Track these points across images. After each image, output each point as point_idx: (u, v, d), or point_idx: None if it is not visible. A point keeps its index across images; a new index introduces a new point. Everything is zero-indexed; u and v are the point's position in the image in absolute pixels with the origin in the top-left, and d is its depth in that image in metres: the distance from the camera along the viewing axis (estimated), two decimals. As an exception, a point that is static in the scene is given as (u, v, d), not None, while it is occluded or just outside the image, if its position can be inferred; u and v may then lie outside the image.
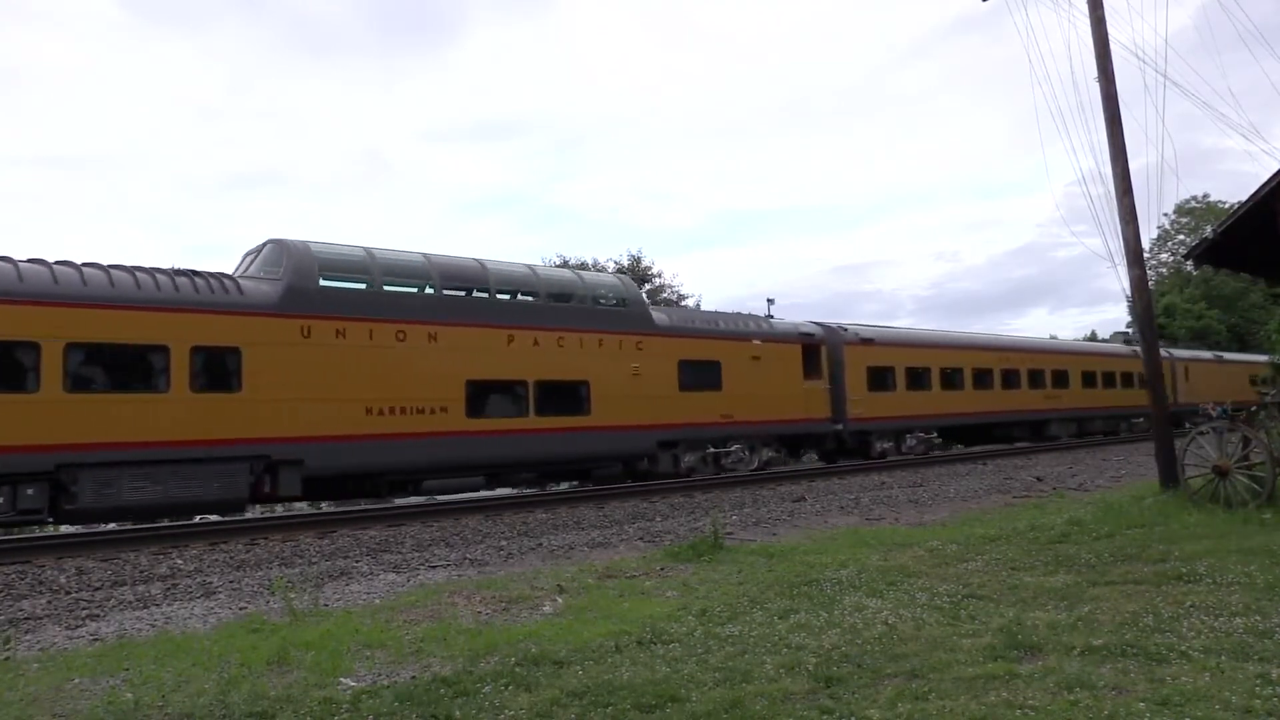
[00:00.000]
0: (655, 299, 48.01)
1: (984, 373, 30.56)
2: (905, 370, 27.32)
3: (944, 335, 31.52)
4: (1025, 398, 32.39)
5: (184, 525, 13.88)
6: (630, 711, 4.57)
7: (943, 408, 28.53)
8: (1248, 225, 13.69)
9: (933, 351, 28.82)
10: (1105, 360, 38.43)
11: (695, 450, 21.06)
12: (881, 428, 26.15)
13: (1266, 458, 11.03)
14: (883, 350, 26.79)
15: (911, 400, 27.33)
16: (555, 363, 18.51)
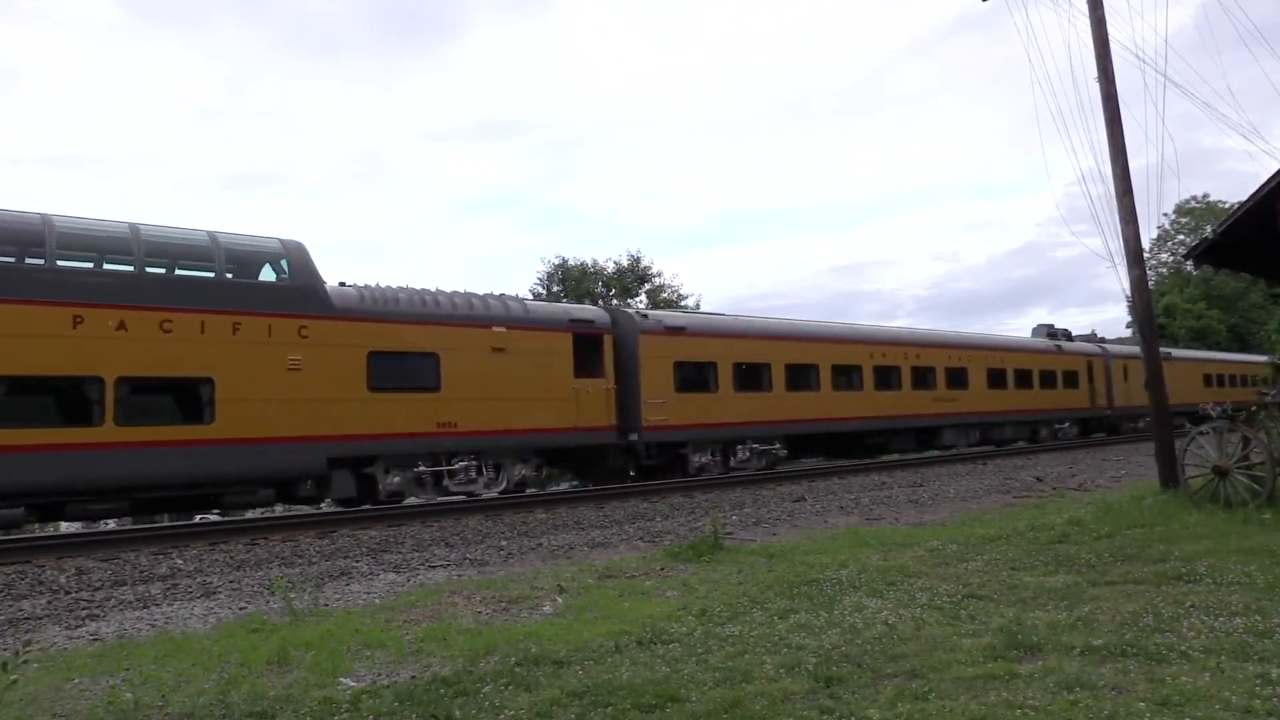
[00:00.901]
0: (655, 299, 47.99)
1: (848, 370, 25.64)
2: (734, 367, 22.37)
3: (790, 325, 26.21)
4: (907, 400, 27.26)
5: (184, 525, 13.90)
6: (630, 711, 4.57)
7: (789, 413, 23.43)
8: (1248, 225, 13.70)
9: (774, 344, 23.78)
10: (1018, 356, 32.62)
11: (401, 468, 16.64)
12: (698, 437, 21.28)
13: (1266, 458, 11.03)
14: (699, 342, 21.84)
15: (743, 404, 22.31)
16: (154, 354, 13.93)
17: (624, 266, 49.00)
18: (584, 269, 47.68)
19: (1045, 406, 33.33)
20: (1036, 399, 32.90)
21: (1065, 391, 34.47)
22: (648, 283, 49.58)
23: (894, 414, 26.86)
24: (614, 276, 48.46)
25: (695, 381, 21.63)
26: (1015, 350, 33.03)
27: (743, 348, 22.90)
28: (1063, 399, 34.38)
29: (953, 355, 29.40)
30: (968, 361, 29.87)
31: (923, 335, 30.19)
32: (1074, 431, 35.59)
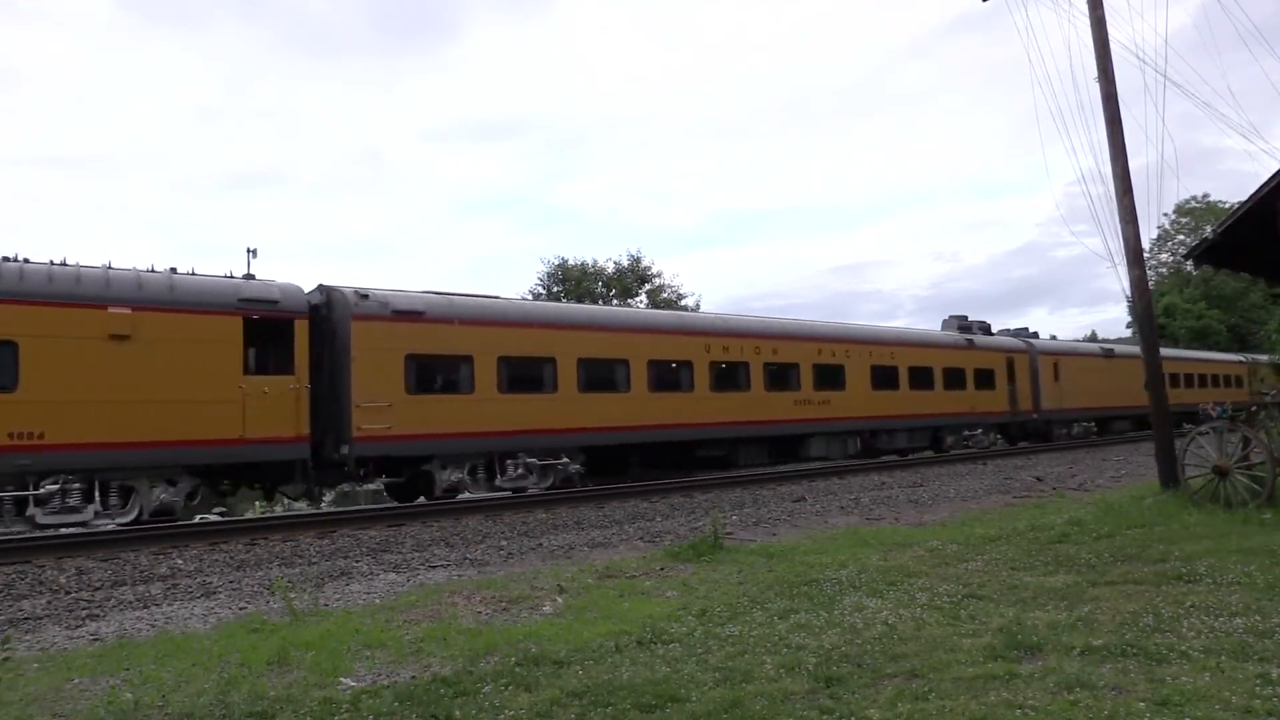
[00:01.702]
0: (655, 299, 48.01)
1: (673, 367, 21.19)
2: (499, 362, 18.09)
3: (586, 311, 22.11)
4: (758, 404, 22.65)
5: (184, 525, 13.87)
6: (630, 711, 4.57)
7: (585, 419, 19.25)
8: (1248, 225, 13.69)
9: (560, 334, 19.31)
10: (914, 352, 27.63)
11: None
12: (447, 450, 17.25)
13: (1266, 458, 11.03)
14: (445, 330, 17.50)
15: (514, 408, 18.14)
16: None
17: (624, 266, 49.02)
18: (584, 269, 47.68)
19: (951, 410, 28.51)
20: (938, 401, 28.01)
21: (978, 393, 29.78)
22: (648, 283, 49.60)
23: (738, 419, 22.12)
24: (614, 276, 48.47)
25: (441, 380, 17.51)
26: (910, 344, 27.93)
27: (512, 338, 18.44)
28: (974, 401, 29.51)
29: (823, 350, 24.82)
30: (845, 357, 25.36)
31: (781, 326, 24.88)
32: (990, 440, 30.30)
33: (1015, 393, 31.58)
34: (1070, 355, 35.51)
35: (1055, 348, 35.29)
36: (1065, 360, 34.42)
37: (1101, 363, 37.12)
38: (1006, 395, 31.22)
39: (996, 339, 32.60)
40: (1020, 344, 33.27)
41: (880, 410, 26.20)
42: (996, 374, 30.91)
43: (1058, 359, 33.97)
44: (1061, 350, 35.41)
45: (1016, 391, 31.64)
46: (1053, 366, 33.49)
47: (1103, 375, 36.53)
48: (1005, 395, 31.16)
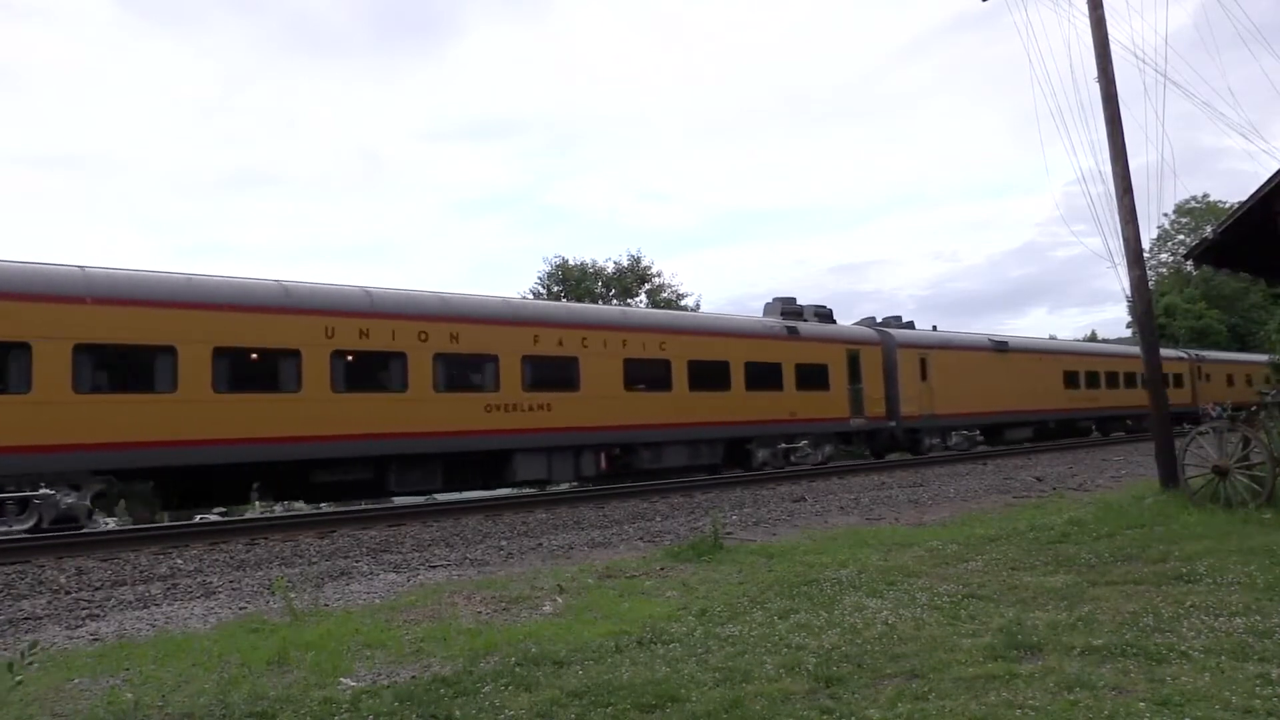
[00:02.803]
0: (655, 299, 48.03)
1: (271, 357, 15.18)
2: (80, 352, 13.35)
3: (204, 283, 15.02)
4: (424, 409, 16.64)
5: (184, 525, 13.89)
6: (630, 711, 4.57)
7: (107, 432, 13.44)
8: (1247, 225, 13.68)
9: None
10: (696, 342, 21.61)
11: None
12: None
13: (1266, 458, 11.03)
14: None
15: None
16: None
17: (624, 266, 49.03)
18: (584, 269, 47.68)
19: (759, 417, 22.39)
20: (739, 405, 21.96)
21: (804, 395, 23.70)
22: (648, 283, 49.61)
23: (389, 431, 16.10)
24: (614, 276, 48.48)
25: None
26: (690, 331, 21.77)
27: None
28: (798, 405, 23.47)
29: (543, 337, 18.52)
30: (580, 348, 19.11)
31: (464, 304, 17.93)
32: (823, 455, 24.17)
33: (860, 395, 25.31)
34: (944, 348, 29.02)
35: (922, 339, 28.69)
36: (937, 355, 28.30)
37: (991, 359, 30.68)
38: (848, 397, 24.98)
39: (834, 327, 26.41)
40: (869, 334, 27.00)
41: (638, 417, 19.83)
42: (832, 371, 24.56)
43: (926, 353, 27.93)
44: (931, 342, 28.79)
45: (862, 394, 25.37)
46: (918, 362, 27.50)
47: (994, 373, 30.33)
48: (845, 397, 24.89)
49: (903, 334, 28.24)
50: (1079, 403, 35.22)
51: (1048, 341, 37.70)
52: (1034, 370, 32.72)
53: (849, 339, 26.13)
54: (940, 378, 28.20)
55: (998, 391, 30.56)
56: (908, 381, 27.14)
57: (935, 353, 28.61)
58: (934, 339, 29.56)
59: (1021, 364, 32.02)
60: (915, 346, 28.03)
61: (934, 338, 29.67)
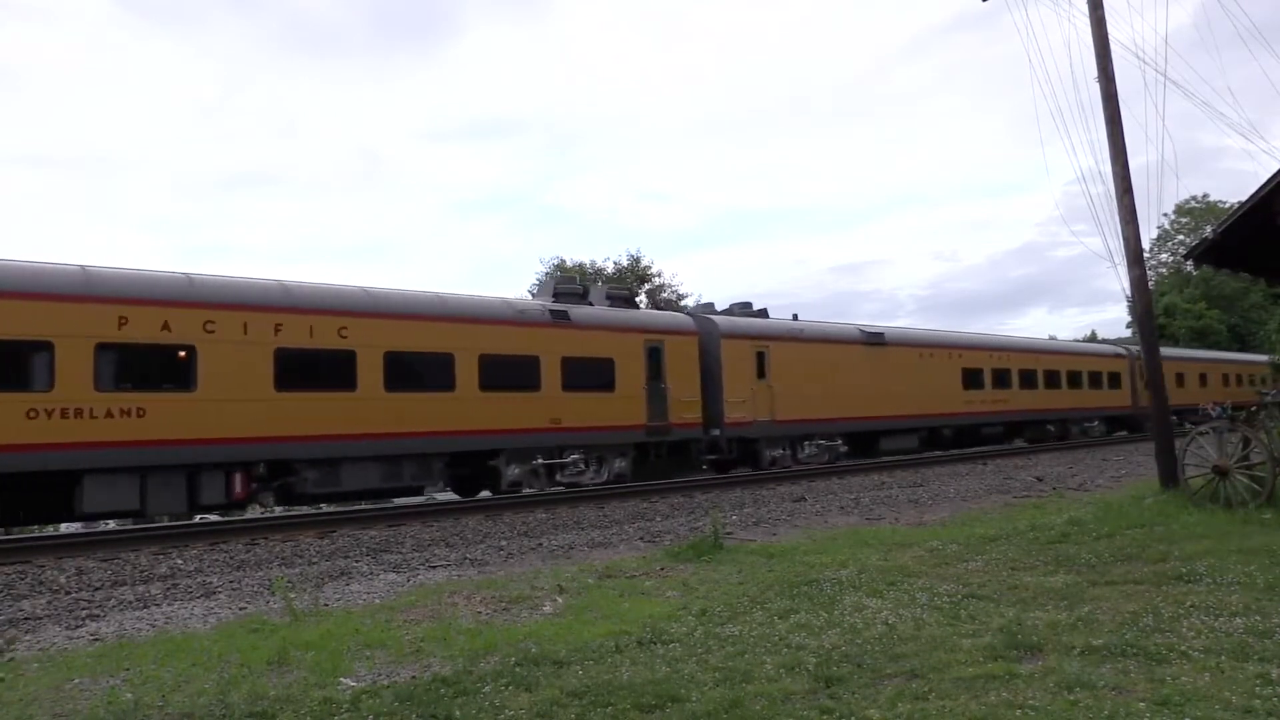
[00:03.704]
0: (655, 299, 48.04)
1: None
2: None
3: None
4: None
5: (184, 525, 13.89)
6: (630, 711, 4.57)
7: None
8: (1247, 225, 13.68)
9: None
10: (397, 328, 16.66)
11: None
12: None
13: (1266, 458, 11.04)
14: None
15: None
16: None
17: (624, 266, 49.04)
18: (583, 269, 47.69)
19: (504, 425, 17.76)
20: (471, 411, 17.26)
21: (574, 397, 18.95)
22: (648, 283, 49.61)
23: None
24: (614, 277, 48.50)
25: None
26: (388, 316, 16.61)
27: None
28: (563, 409, 18.71)
29: (131, 319, 13.93)
30: (199, 335, 14.57)
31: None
32: (610, 472, 19.52)
33: (665, 396, 20.61)
34: (790, 340, 23.90)
35: (759, 328, 23.53)
36: (781, 348, 23.30)
37: (860, 354, 25.61)
38: (644, 400, 20.21)
39: (626, 313, 21.11)
40: (679, 321, 22.30)
41: (299, 426, 15.27)
42: (621, 367, 19.89)
43: (764, 345, 22.94)
44: (771, 332, 23.59)
45: (668, 394, 20.69)
46: (753, 357, 22.68)
47: (864, 371, 25.57)
48: (641, 400, 20.15)
49: (730, 322, 23.07)
50: (984, 405, 29.77)
51: (941, 334, 30.72)
52: (921, 367, 27.54)
53: (648, 327, 20.99)
54: (785, 376, 23.24)
55: (870, 393, 25.57)
56: (737, 380, 22.18)
57: (778, 345, 23.43)
58: (776, 328, 24.09)
59: (903, 360, 26.99)
60: (748, 337, 22.86)
61: (776, 327, 24.27)
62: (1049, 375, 33.07)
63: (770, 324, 24.34)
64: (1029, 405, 31.95)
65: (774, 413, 22.85)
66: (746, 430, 22.35)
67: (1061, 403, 33.66)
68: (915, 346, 27.92)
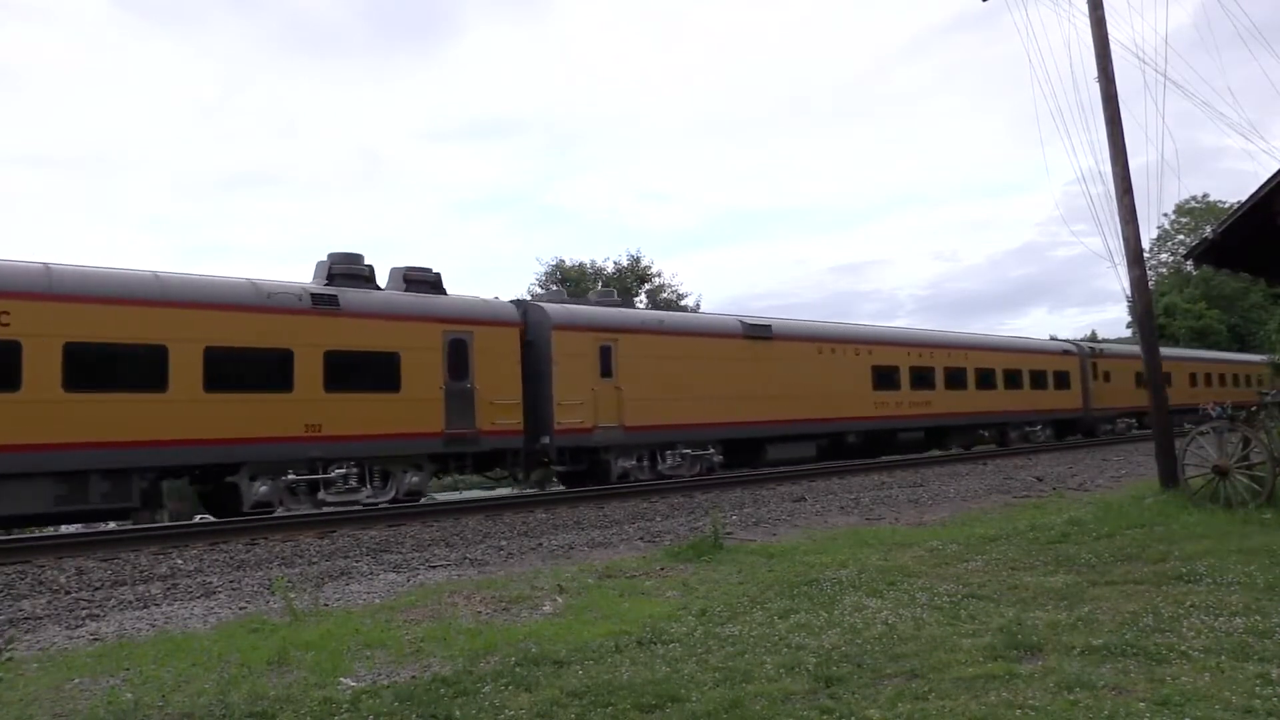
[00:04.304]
0: (655, 299, 48.06)
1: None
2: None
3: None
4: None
5: (184, 525, 13.87)
6: (630, 711, 4.57)
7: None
8: (1247, 225, 13.68)
9: None
10: (80, 316, 13.60)
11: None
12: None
13: (1266, 458, 11.04)
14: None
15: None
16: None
17: (624, 266, 49.05)
18: (582, 269, 47.68)
19: (243, 434, 14.85)
20: (190, 416, 14.38)
21: (342, 398, 15.88)
22: (648, 283, 49.63)
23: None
24: (614, 277, 48.51)
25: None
26: (70, 299, 13.61)
27: None
28: (325, 414, 15.71)
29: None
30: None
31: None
32: (401, 489, 16.62)
33: (471, 398, 17.38)
34: (646, 332, 20.57)
35: (605, 318, 20.08)
36: (633, 342, 20.00)
37: (739, 348, 22.29)
38: (442, 402, 17.01)
39: (422, 299, 17.61)
40: (496, 309, 18.72)
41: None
42: (410, 363, 16.80)
43: (610, 337, 19.61)
44: (619, 323, 20.15)
45: (475, 396, 17.40)
46: (596, 351, 19.39)
47: (745, 368, 22.25)
48: (439, 402, 16.95)
49: (564, 310, 19.76)
50: (901, 408, 26.55)
51: (845, 326, 27.05)
52: (820, 364, 24.17)
53: (451, 315, 17.62)
54: (638, 374, 19.88)
55: (753, 393, 22.19)
56: (572, 379, 18.83)
57: (630, 338, 19.94)
58: (628, 319, 20.52)
59: (797, 356, 23.59)
60: (590, 329, 19.45)
61: (628, 317, 20.71)
62: (982, 374, 29.84)
63: (620, 313, 21.03)
64: (957, 408, 28.58)
65: (623, 417, 19.56)
66: (585, 438, 18.98)
67: (998, 405, 30.38)
68: (813, 341, 24.52)
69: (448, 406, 17.15)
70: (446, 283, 18.70)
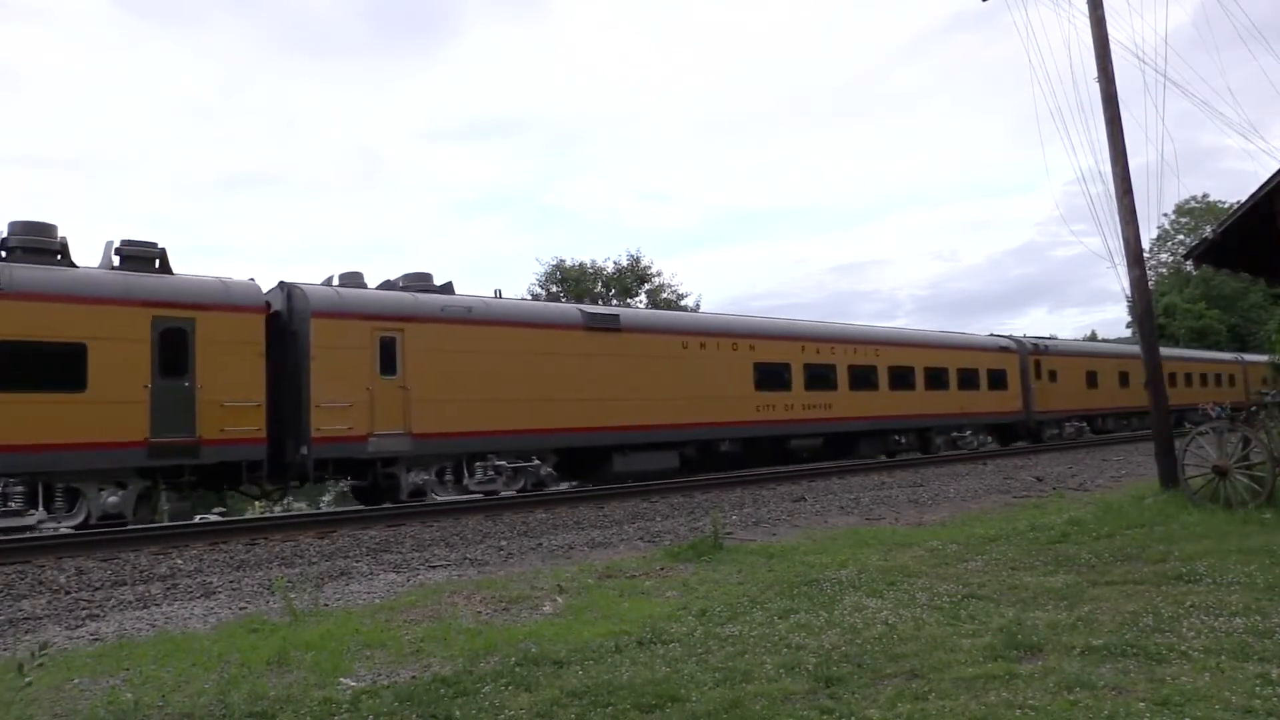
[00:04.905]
0: (655, 299, 48.03)
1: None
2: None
3: None
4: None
5: (184, 525, 13.88)
6: (630, 711, 4.57)
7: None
8: (1247, 225, 13.68)
9: None
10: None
11: None
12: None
13: (1266, 458, 11.04)
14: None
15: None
16: None
17: (624, 266, 49.02)
18: (582, 269, 47.66)
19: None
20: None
21: (15, 402, 13.22)
22: (647, 283, 49.60)
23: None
24: (614, 276, 48.48)
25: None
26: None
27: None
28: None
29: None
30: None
31: None
32: (99, 510, 13.78)
33: (190, 400, 14.65)
34: (448, 322, 17.44)
35: (388, 304, 16.94)
36: (423, 332, 16.94)
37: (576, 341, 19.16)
38: (147, 405, 14.26)
39: (121, 278, 14.70)
40: (235, 292, 15.60)
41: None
42: (98, 357, 13.95)
43: (399, 327, 16.69)
44: (413, 311, 17.10)
45: (196, 397, 14.71)
46: (375, 344, 16.39)
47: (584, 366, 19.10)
48: (143, 405, 14.20)
49: (328, 295, 16.42)
50: (791, 412, 23.32)
51: (719, 317, 23.92)
52: (685, 362, 20.91)
53: (165, 298, 14.71)
54: (433, 371, 16.88)
55: (595, 394, 19.08)
56: (339, 376, 15.88)
57: (420, 328, 16.93)
58: (419, 306, 17.21)
59: (654, 351, 20.37)
60: (365, 316, 16.40)
61: (419, 303, 17.27)
62: (896, 373, 26.55)
63: (409, 299, 17.33)
64: (866, 411, 25.40)
65: (410, 423, 16.42)
66: (357, 448, 15.93)
67: (917, 408, 27.16)
68: (675, 333, 21.16)
69: (156, 409, 14.26)
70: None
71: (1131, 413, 37.66)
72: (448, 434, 16.98)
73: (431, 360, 16.97)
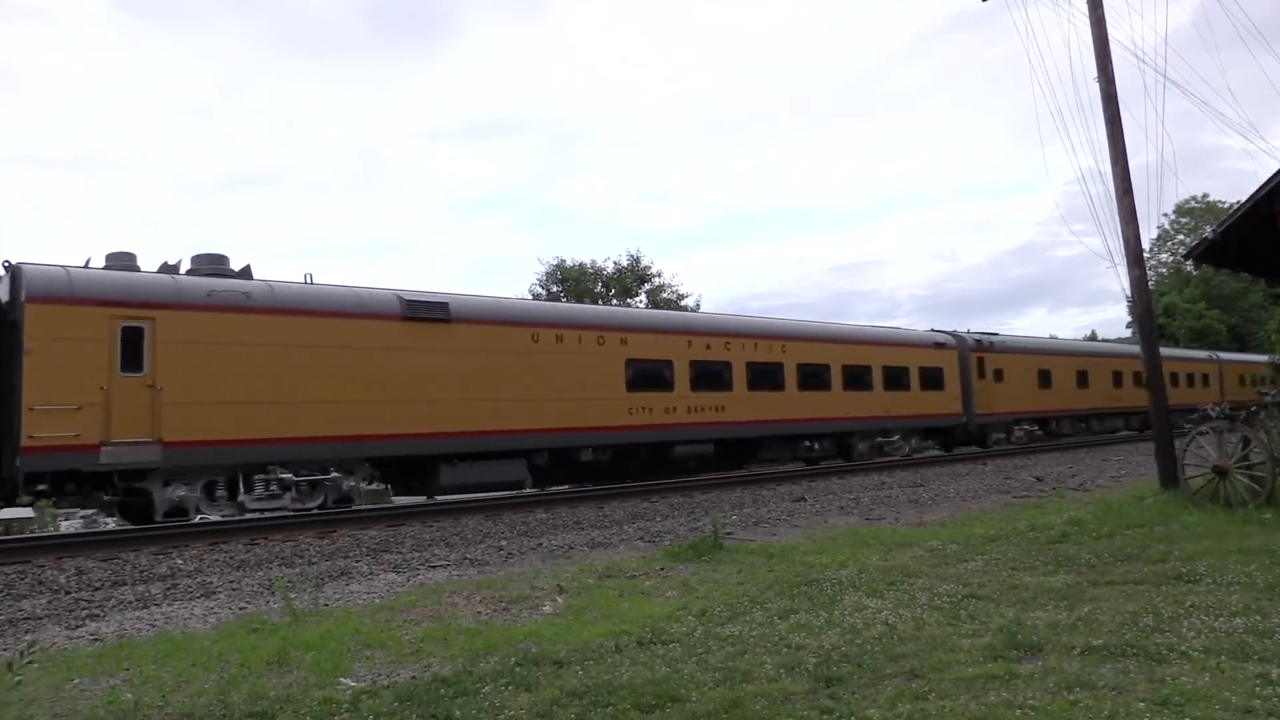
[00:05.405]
0: (655, 299, 48.02)
1: None
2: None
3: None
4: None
5: (184, 525, 13.86)
6: (630, 711, 4.57)
7: None
8: (1247, 225, 13.68)
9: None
10: None
11: None
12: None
13: (1266, 458, 11.04)
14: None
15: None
16: None
17: (624, 266, 49.01)
18: (582, 269, 47.65)
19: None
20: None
21: None
22: (648, 283, 49.58)
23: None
24: (614, 276, 48.47)
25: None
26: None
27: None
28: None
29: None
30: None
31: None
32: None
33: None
34: (216, 309, 14.68)
35: (135, 286, 14.20)
36: (186, 320, 14.29)
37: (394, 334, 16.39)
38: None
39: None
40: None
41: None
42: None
43: (149, 315, 14.01)
44: (171, 296, 14.41)
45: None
46: (115, 335, 13.73)
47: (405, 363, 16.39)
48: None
49: (53, 275, 13.59)
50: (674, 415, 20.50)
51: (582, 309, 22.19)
52: (536, 358, 18.19)
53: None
54: (194, 367, 14.23)
55: (418, 395, 16.40)
56: (64, 374, 13.17)
57: (177, 317, 14.22)
58: (179, 290, 14.51)
59: (495, 345, 17.61)
60: (102, 302, 13.69)
61: (178, 287, 14.58)
62: (808, 372, 23.66)
63: (164, 282, 14.55)
64: (767, 414, 22.45)
65: (161, 429, 13.81)
66: (87, 458, 13.14)
67: (832, 410, 24.19)
68: (523, 325, 18.30)
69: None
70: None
71: (1091, 415, 34.37)
72: (214, 442, 14.19)
73: (193, 355, 14.17)
